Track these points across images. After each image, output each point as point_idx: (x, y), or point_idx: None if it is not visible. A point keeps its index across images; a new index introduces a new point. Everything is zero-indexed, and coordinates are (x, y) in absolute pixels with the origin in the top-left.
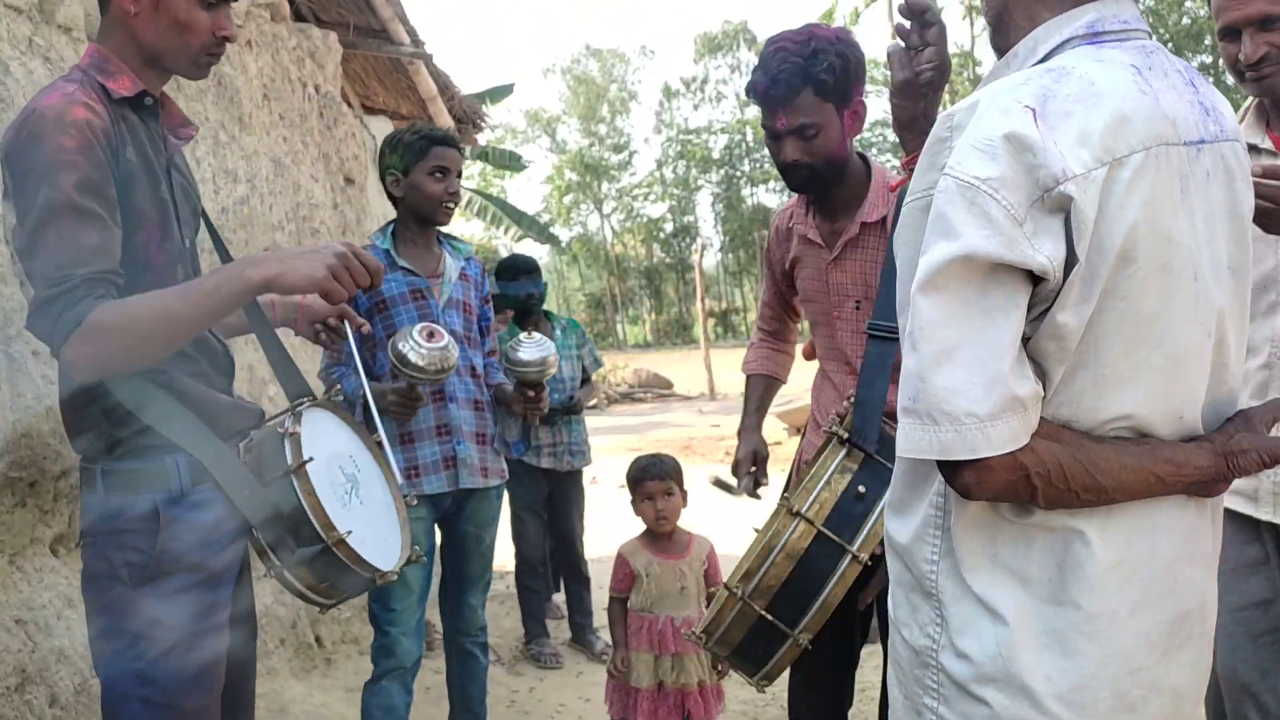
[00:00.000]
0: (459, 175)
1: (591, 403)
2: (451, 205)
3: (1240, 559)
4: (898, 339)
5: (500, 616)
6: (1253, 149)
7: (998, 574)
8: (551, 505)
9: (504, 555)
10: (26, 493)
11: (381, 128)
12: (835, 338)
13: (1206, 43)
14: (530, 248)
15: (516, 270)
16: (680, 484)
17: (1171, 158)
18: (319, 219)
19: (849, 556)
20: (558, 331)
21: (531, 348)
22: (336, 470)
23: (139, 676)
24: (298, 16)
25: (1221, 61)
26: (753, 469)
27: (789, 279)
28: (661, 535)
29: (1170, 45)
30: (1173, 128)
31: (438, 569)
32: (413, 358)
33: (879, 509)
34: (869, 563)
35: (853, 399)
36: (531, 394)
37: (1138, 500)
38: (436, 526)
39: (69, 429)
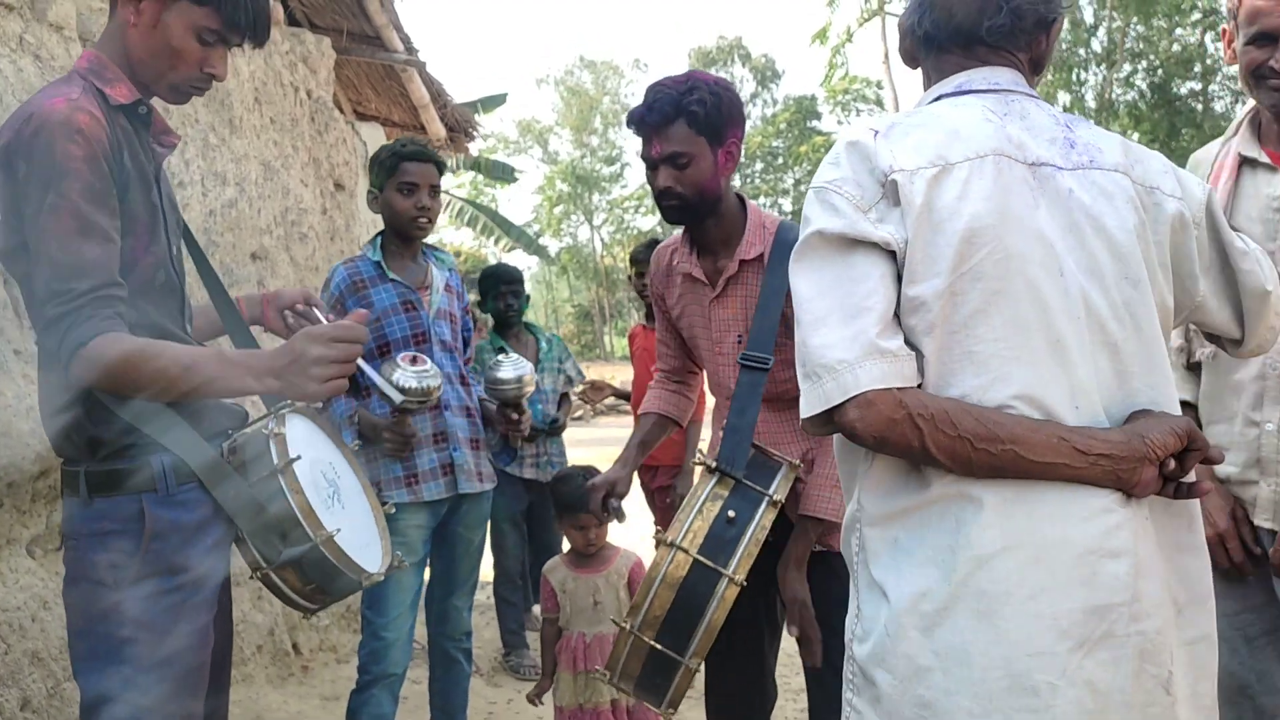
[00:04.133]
0: (434, 189)
1: (577, 414)
2: (423, 220)
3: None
4: (768, 369)
5: (480, 627)
6: (1249, 162)
7: (897, 558)
8: (531, 516)
9: (484, 566)
10: (4, 493)
11: (373, 134)
12: (719, 372)
13: (1196, 70)
14: (519, 258)
15: (498, 280)
16: None
17: (1014, 168)
18: (307, 224)
19: (725, 580)
20: (542, 343)
21: (509, 366)
22: (319, 475)
23: (122, 680)
24: (291, 21)
25: (1214, 82)
26: (611, 499)
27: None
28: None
29: (1161, 71)
30: (1016, 148)
31: (428, 577)
32: (405, 383)
33: (751, 531)
34: (745, 583)
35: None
36: (514, 416)
37: (1054, 483)
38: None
39: (50, 431)
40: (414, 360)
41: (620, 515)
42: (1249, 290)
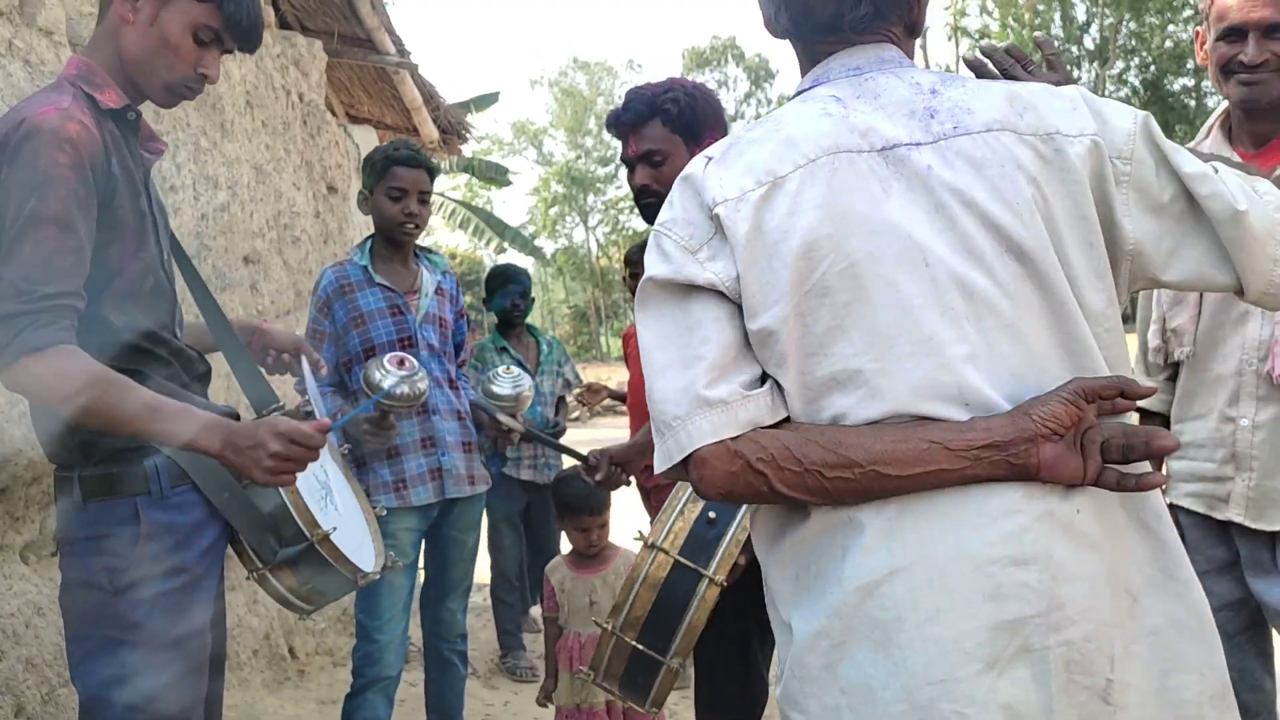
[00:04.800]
0: (423, 196)
1: (574, 415)
2: (410, 226)
3: (1210, 562)
4: None
5: (476, 629)
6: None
7: (797, 595)
8: (529, 517)
9: (481, 568)
10: None
11: (366, 137)
12: None
13: (1189, 66)
14: (514, 260)
15: (505, 279)
16: (609, 506)
17: (856, 162)
18: (300, 227)
19: (706, 580)
20: (543, 346)
21: (507, 382)
22: (312, 476)
23: (121, 684)
24: (283, 24)
25: (1206, 78)
26: (612, 466)
27: None
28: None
29: (1153, 68)
30: (860, 137)
31: (421, 580)
32: (387, 385)
33: (731, 532)
34: (725, 583)
35: None
36: (503, 423)
37: (943, 491)
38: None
39: (42, 436)
40: (401, 363)
41: (614, 483)
42: (1218, 217)
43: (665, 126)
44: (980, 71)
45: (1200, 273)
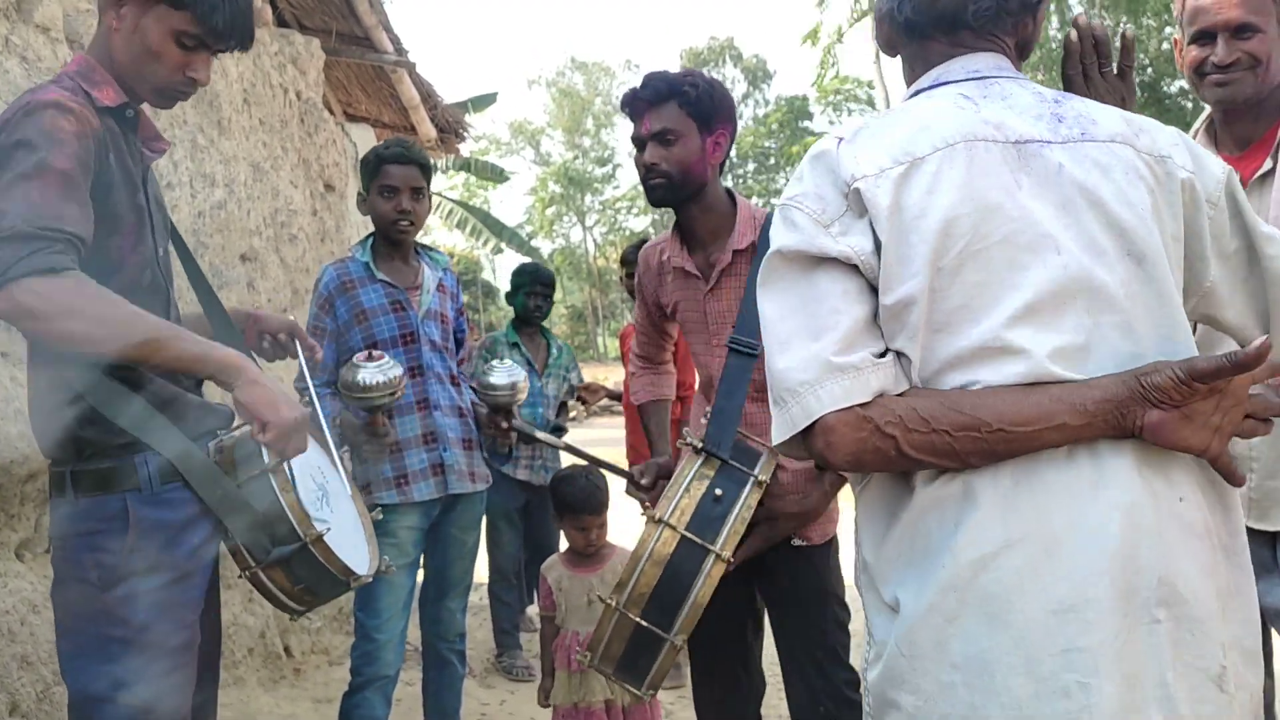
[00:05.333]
0: (416, 192)
1: (571, 415)
2: (405, 224)
3: None
4: (757, 354)
5: (473, 628)
6: None
7: (903, 574)
8: (529, 516)
9: (477, 567)
10: None
11: (363, 135)
12: (714, 363)
13: None
14: (511, 259)
15: (534, 279)
16: (608, 505)
17: (991, 150)
18: (297, 225)
19: (712, 556)
20: (553, 349)
21: (503, 372)
22: (308, 477)
23: (111, 680)
24: (280, 22)
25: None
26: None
27: (660, 309)
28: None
29: (1150, 70)
30: (994, 129)
31: (421, 578)
32: (359, 379)
33: (737, 509)
34: (732, 560)
35: (709, 412)
36: (505, 424)
37: (1059, 464)
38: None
39: (37, 432)
40: (369, 356)
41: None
42: (1275, 277)
43: (682, 109)
44: (1067, 51)
45: (1237, 324)
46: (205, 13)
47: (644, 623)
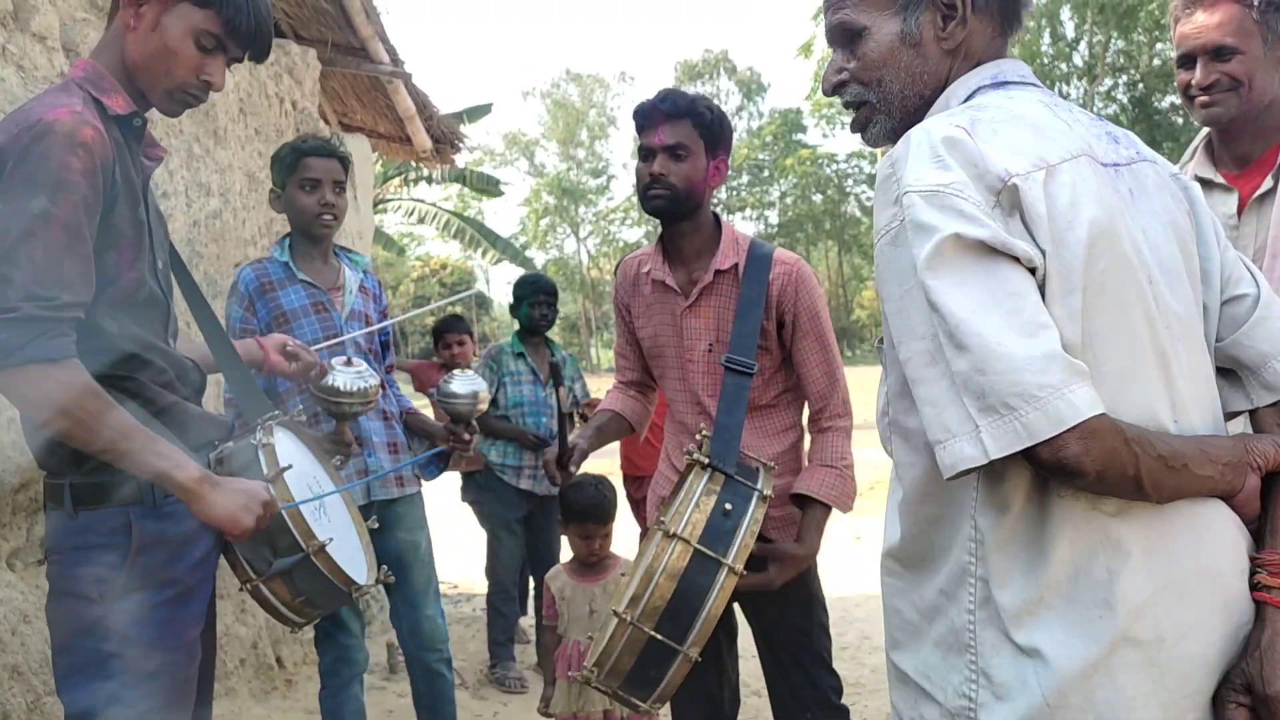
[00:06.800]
0: (338, 186)
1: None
2: (328, 217)
3: None
4: (752, 373)
5: (466, 639)
6: (1205, 183)
7: (1048, 619)
8: (530, 526)
9: (473, 577)
10: None
11: (359, 146)
12: (688, 380)
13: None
14: (506, 271)
15: (537, 289)
16: (615, 515)
17: (1099, 170)
18: None
19: (725, 569)
20: (560, 359)
21: (464, 381)
22: (305, 487)
23: (108, 696)
24: (277, 33)
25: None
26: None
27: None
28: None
29: (1141, 86)
30: (1091, 149)
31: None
32: (345, 385)
33: (746, 523)
34: (743, 573)
35: (705, 434)
36: (467, 436)
37: (1180, 509)
38: None
39: (33, 443)
40: (348, 362)
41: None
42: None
43: (695, 128)
44: None
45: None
46: (229, 14)
47: (658, 635)
